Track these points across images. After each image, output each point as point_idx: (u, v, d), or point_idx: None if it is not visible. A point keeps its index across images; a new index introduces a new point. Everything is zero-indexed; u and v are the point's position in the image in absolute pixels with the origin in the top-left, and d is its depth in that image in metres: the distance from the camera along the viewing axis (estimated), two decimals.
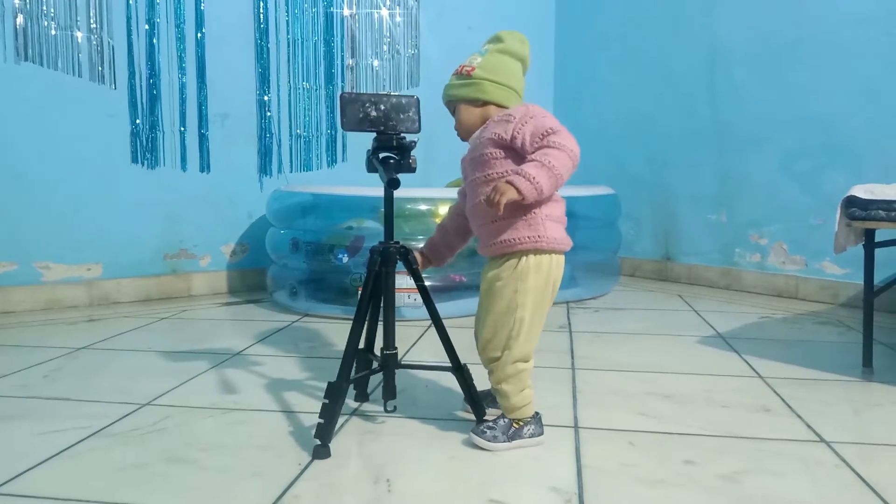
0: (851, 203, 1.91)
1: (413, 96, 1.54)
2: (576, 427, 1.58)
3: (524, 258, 1.42)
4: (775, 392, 1.83)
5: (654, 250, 3.81)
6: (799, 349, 2.30)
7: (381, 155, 1.52)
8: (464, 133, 1.53)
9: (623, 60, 3.90)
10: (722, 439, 1.51)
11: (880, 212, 1.85)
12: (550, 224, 1.43)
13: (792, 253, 3.21)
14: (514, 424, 1.46)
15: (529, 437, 1.47)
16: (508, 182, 1.32)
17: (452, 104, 1.54)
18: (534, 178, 1.32)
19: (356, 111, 1.48)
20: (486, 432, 1.45)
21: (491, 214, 1.41)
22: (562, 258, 1.47)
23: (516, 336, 1.43)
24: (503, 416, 1.48)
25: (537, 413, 1.50)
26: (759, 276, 3.33)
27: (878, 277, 2.01)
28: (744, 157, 3.36)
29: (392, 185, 1.46)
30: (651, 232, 3.81)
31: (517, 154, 1.41)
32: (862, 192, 1.90)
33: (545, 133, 1.36)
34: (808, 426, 1.59)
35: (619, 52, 3.92)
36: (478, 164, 1.46)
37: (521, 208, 1.40)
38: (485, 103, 1.49)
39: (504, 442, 1.44)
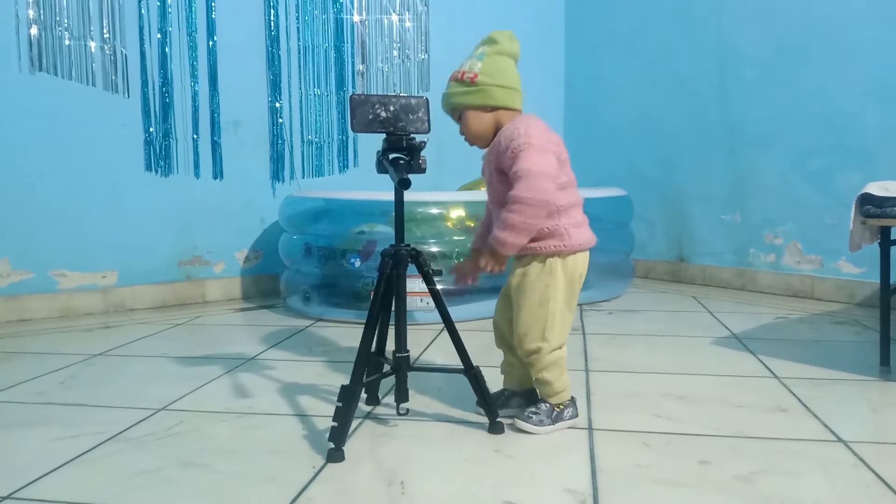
0: (866, 201, 1.89)
1: (422, 97, 1.54)
2: (590, 429, 1.58)
3: (550, 259, 1.51)
4: (791, 392, 1.82)
5: (667, 252, 3.79)
6: (815, 349, 2.28)
7: (392, 156, 1.52)
8: (475, 139, 1.57)
9: (633, 62, 3.89)
10: (737, 440, 1.50)
11: (895, 209, 1.83)
12: (574, 231, 1.51)
13: (807, 252, 3.18)
14: (556, 408, 1.56)
15: (569, 419, 1.57)
16: (490, 249, 1.46)
17: (458, 111, 1.56)
18: (504, 242, 1.45)
19: (366, 112, 1.49)
20: (532, 417, 1.54)
21: None
22: (586, 253, 1.56)
23: (551, 327, 1.51)
24: (544, 400, 1.56)
25: (573, 396, 1.59)
26: (774, 276, 3.31)
27: (895, 276, 1.99)
28: (756, 157, 3.34)
29: (403, 185, 1.46)
30: (664, 233, 3.79)
31: None
32: (877, 189, 1.88)
33: (515, 177, 1.44)
34: (825, 426, 1.57)
35: (629, 55, 3.91)
36: (496, 180, 1.53)
37: (549, 218, 1.47)
38: (493, 108, 1.53)
39: (549, 425, 1.54)
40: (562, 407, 1.56)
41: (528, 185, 1.41)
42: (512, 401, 1.66)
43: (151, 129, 3.07)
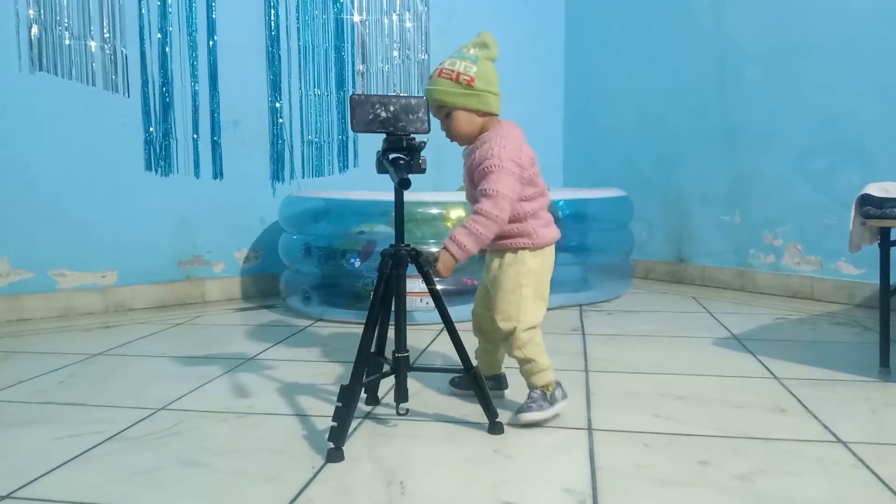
0: (866, 201, 1.89)
1: (422, 97, 1.55)
2: (589, 429, 1.58)
3: (521, 251, 1.63)
4: (791, 392, 1.82)
5: (667, 252, 3.79)
6: (815, 350, 2.28)
7: (391, 156, 1.52)
8: (462, 138, 1.64)
9: (633, 62, 3.89)
10: (737, 440, 1.50)
11: (895, 210, 1.84)
12: (541, 230, 1.65)
13: (807, 253, 3.18)
14: (546, 390, 1.62)
15: (562, 400, 1.64)
16: (447, 249, 1.52)
17: (446, 109, 1.59)
18: (465, 245, 1.52)
19: (366, 112, 1.49)
20: (531, 407, 1.59)
21: None
22: (552, 247, 1.70)
23: (525, 309, 1.61)
24: (533, 389, 1.62)
25: (558, 380, 1.66)
26: (773, 276, 3.31)
27: (895, 277, 1.99)
28: (756, 157, 3.34)
29: (403, 185, 1.46)
30: (664, 234, 3.79)
31: None
32: (877, 190, 1.88)
33: (482, 194, 1.55)
34: (825, 426, 1.58)
35: (628, 54, 3.91)
36: (470, 184, 1.66)
37: (517, 221, 1.61)
38: (485, 113, 1.60)
39: (549, 408, 1.60)
40: (552, 389, 1.63)
41: (495, 203, 1.53)
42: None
43: (151, 129, 3.07)
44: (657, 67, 3.76)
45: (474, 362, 1.62)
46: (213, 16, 3.17)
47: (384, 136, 1.54)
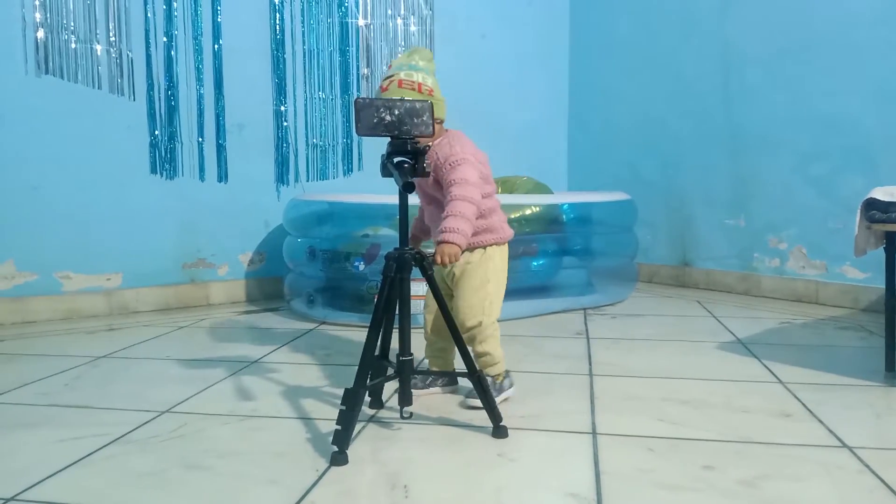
0: (871, 205, 1.88)
1: (426, 101, 1.55)
2: (593, 433, 1.57)
3: (490, 248, 1.76)
4: (796, 397, 1.81)
5: (671, 256, 3.78)
6: (820, 354, 2.27)
7: (396, 159, 1.52)
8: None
9: (636, 65, 3.89)
10: (741, 444, 1.50)
11: None
12: (504, 226, 1.79)
13: (812, 257, 3.17)
14: (497, 379, 1.76)
15: (509, 388, 1.79)
16: (447, 241, 1.57)
17: None
18: (460, 229, 1.58)
19: (370, 116, 1.49)
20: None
21: None
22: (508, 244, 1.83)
23: (490, 305, 1.73)
24: (483, 376, 1.65)
25: (507, 369, 1.81)
26: (778, 280, 3.30)
27: None
28: (760, 161, 3.33)
29: (407, 188, 1.47)
30: (667, 237, 3.78)
31: None
32: (882, 194, 1.88)
33: (452, 184, 1.63)
34: (830, 431, 1.57)
35: (632, 58, 3.91)
36: (432, 186, 1.73)
37: (482, 217, 1.70)
38: (440, 121, 1.72)
39: (496, 396, 1.69)
40: (501, 379, 1.77)
41: (466, 188, 1.62)
42: (438, 381, 1.88)
43: (157, 132, 3.08)
44: (661, 72, 3.76)
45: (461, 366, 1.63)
46: (219, 20, 3.18)
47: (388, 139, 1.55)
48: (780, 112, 3.24)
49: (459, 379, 1.87)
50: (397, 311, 1.58)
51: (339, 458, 1.40)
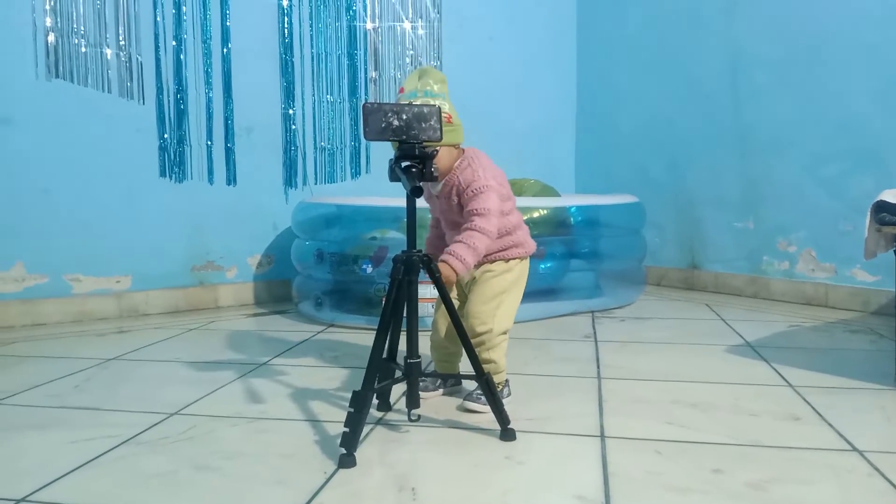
0: (881, 208, 1.87)
1: (434, 105, 1.55)
2: (602, 436, 1.57)
3: (512, 260, 1.77)
4: (805, 400, 1.81)
5: (679, 259, 3.77)
6: (829, 357, 2.26)
7: (404, 164, 1.53)
8: (443, 173, 1.69)
9: (644, 66, 3.88)
10: (750, 448, 1.49)
11: None
12: (529, 239, 1.81)
13: (821, 260, 3.16)
14: (497, 387, 1.69)
15: (507, 397, 1.78)
16: (448, 264, 1.58)
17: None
18: (464, 258, 1.60)
19: (378, 121, 1.49)
20: (480, 398, 1.69)
21: None
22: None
23: (502, 314, 1.73)
24: (491, 379, 1.64)
25: (507, 378, 1.82)
26: (787, 283, 3.29)
27: None
28: (769, 163, 3.32)
29: (415, 193, 1.47)
30: (676, 240, 3.77)
31: None
32: (892, 196, 1.87)
33: (475, 213, 1.64)
34: (840, 434, 1.56)
35: (640, 59, 3.90)
36: (455, 210, 1.73)
37: (508, 234, 1.74)
38: (458, 146, 1.72)
39: None
40: (501, 387, 1.77)
41: (488, 220, 1.64)
42: (447, 382, 1.90)
43: (166, 136, 3.09)
44: (669, 72, 3.75)
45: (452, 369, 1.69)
46: (228, 24, 3.20)
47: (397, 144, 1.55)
48: (788, 113, 3.23)
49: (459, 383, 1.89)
50: (405, 314, 1.58)
51: (347, 461, 1.40)
